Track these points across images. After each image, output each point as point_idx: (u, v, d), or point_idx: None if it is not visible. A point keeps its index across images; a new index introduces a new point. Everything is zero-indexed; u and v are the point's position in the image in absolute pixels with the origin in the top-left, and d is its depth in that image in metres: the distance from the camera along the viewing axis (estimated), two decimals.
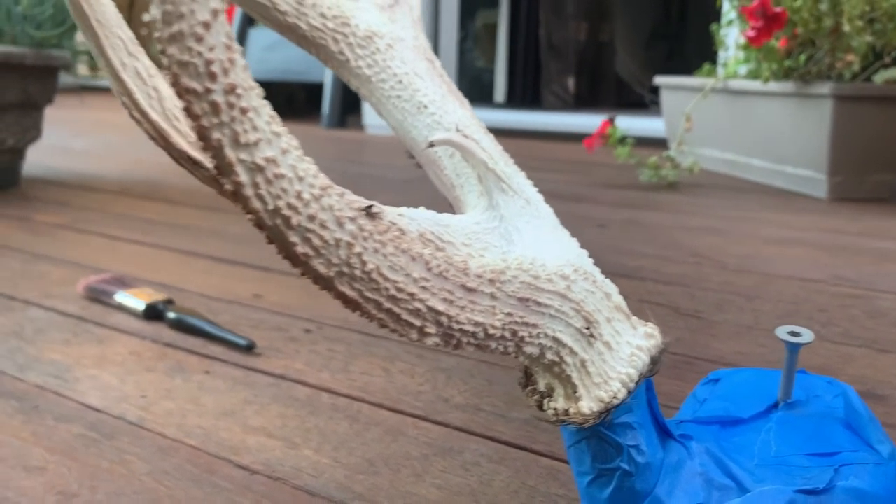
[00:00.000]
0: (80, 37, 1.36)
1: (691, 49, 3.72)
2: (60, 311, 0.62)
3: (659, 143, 1.80)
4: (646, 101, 3.36)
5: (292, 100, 3.06)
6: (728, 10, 1.38)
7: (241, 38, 2.73)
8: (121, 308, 0.62)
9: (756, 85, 1.33)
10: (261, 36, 2.72)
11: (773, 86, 1.29)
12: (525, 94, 2.86)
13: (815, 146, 1.26)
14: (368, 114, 2.42)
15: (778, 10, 1.05)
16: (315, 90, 2.72)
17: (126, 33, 0.30)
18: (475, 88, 3.00)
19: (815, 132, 1.25)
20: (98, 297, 0.64)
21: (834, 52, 1.13)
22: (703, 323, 0.63)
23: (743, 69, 1.42)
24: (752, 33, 1.08)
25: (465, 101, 0.43)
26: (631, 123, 2.11)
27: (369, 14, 0.45)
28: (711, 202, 1.23)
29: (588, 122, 2.15)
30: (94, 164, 1.49)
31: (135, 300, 0.61)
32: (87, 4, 0.29)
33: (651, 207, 1.17)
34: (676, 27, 3.73)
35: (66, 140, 1.83)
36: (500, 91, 2.87)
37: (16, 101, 1.12)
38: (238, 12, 2.73)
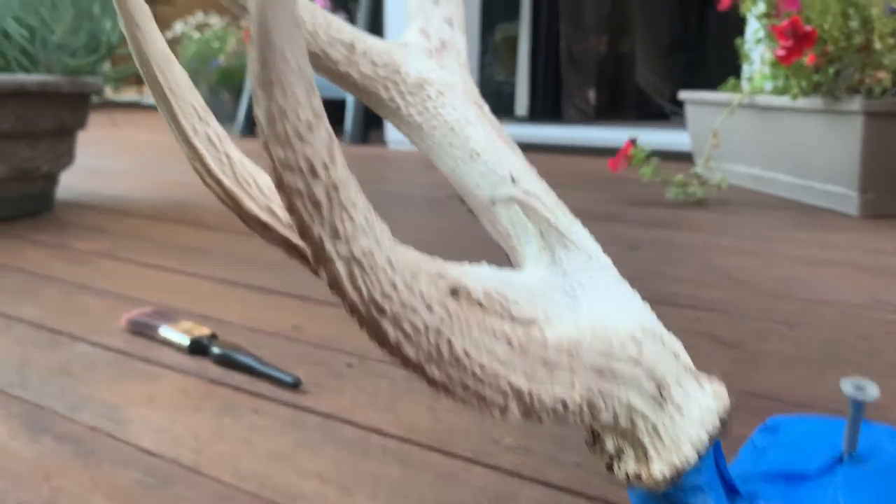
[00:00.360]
0: (108, 64, 1.37)
1: (712, 59, 3.71)
2: (106, 346, 0.63)
3: (683, 157, 1.80)
4: (667, 113, 3.35)
5: None
6: (756, 29, 1.37)
7: None
8: (165, 343, 0.63)
9: (784, 101, 1.33)
10: None
11: (802, 101, 1.28)
12: (546, 107, 2.86)
13: (846, 163, 1.25)
14: (391, 130, 2.43)
15: (808, 28, 1.05)
16: (338, 105, 2.73)
17: (197, 100, 0.30)
18: (496, 102, 3.00)
19: (845, 148, 1.24)
20: (142, 331, 0.65)
21: (864, 69, 1.12)
22: (746, 354, 0.63)
23: (769, 84, 1.41)
24: (781, 52, 1.07)
25: (516, 147, 0.43)
26: (654, 137, 2.10)
27: (418, 60, 0.45)
28: (742, 220, 1.22)
29: (611, 136, 2.15)
30: (125, 185, 1.51)
31: (179, 335, 0.62)
32: (161, 74, 0.29)
33: (681, 227, 1.17)
34: (696, 37, 3.72)
35: (95, 161, 1.85)
36: (521, 104, 2.87)
37: (50, 128, 1.13)
38: None
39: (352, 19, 2.82)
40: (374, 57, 0.44)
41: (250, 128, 2.76)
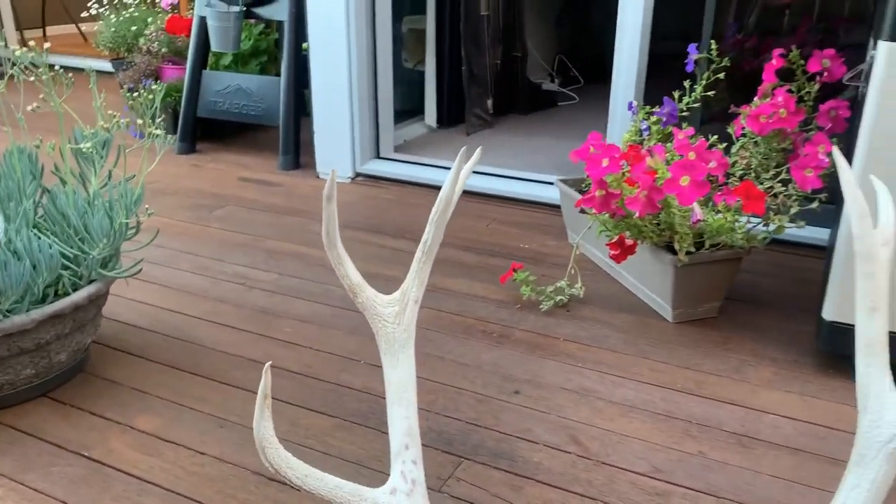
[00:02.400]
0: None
1: (598, 23, 4.11)
2: None
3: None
4: (555, 101, 3.80)
5: (246, 133, 3.35)
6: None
7: (195, 82, 3.01)
8: None
9: None
10: (214, 79, 3.01)
11: None
12: (451, 116, 3.26)
13: (663, 287, 1.79)
14: (321, 159, 2.81)
15: (630, 242, 1.54)
16: (272, 130, 3.05)
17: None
18: (407, 90, 3.37)
19: (662, 279, 1.78)
20: None
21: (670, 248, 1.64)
22: None
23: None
24: (613, 255, 1.57)
25: None
26: (540, 191, 2.59)
27: None
28: (591, 334, 1.75)
29: (522, 189, 2.62)
30: (128, 306, 1.90)
31: None
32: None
33: (549, 352, 1.68)
34: (580, 13, 4.12)
35: None
36: (430, 115, 3.26)
37: (92, 315, 1.53)
38: (191, 52, 2.99)
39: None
40: None
41: (189, 146, 3.06)
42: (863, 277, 0.85)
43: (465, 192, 2.72)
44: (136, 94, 1.38)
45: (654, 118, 1.79)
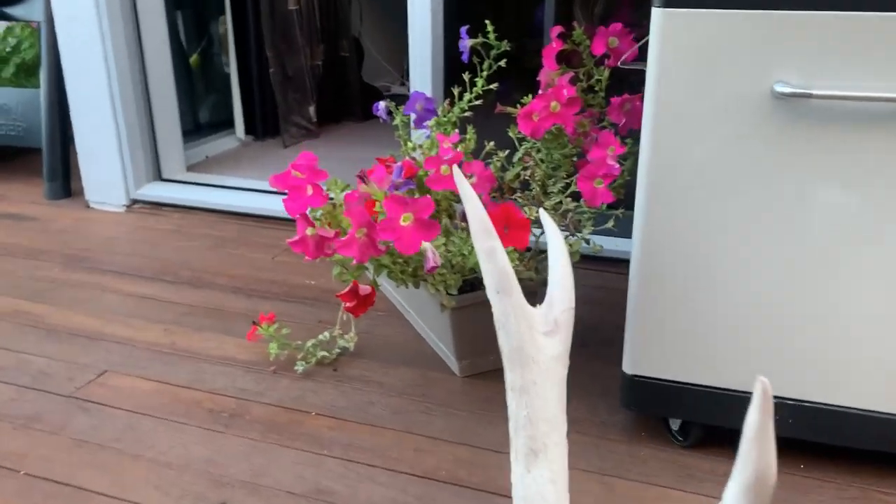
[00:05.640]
0: None
1: None
2: None
3: None
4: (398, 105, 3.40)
5: (16, 158, 2.84)
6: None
7: None
8: None
9: None
10: None
11: None
12: (266, 127, 2.84)
13: (446, 338, 1.41)
14: (91, 190, 2.34)
15: (367, 291, 1.15)
16: (33, 152, 2.56)
17: None
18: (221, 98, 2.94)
19: (443, 325, 1.40)
20: None
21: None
22: None
23: None
24: (347, 307, 1.18)
25: None
26: None
27: None
28: (354, 402, 1.35)
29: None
30: None
31: None
32: None
33: (288, 433, 1.28)
34: None
35: None
36: (239, 127, 2.83)
37: None
38: None
39: None
40: None
41: None
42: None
43: (259, 217, 2.30)
44: None
45: (404, 117, 1.44)
